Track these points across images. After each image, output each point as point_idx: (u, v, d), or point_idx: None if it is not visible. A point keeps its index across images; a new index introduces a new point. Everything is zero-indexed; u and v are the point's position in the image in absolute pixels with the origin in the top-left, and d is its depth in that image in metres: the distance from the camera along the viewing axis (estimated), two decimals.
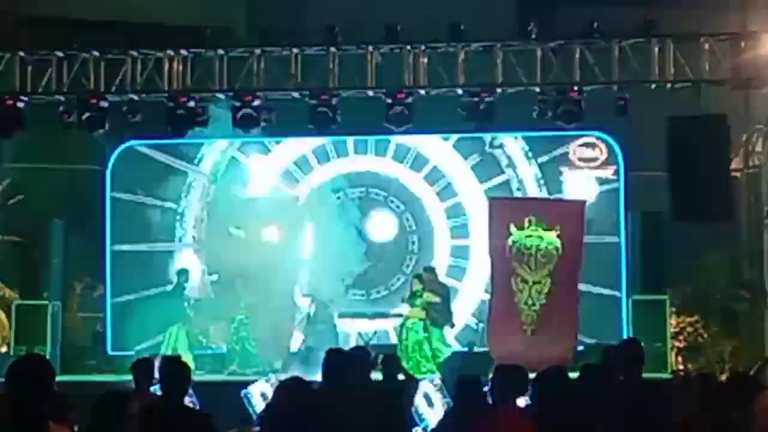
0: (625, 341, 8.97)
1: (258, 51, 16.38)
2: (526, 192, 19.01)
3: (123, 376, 12.50)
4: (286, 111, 16.75)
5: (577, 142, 18.86)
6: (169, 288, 17.91)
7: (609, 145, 18.82)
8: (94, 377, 17.16)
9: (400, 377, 10.77)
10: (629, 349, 8.39)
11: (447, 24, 16.24)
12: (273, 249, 17.67)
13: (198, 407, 11.53)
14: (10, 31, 17.76)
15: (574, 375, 8.03)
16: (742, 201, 18.27)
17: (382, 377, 10.38)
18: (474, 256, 18.99)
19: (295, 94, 16.45)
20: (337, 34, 16.20)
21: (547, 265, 16.39)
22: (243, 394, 14.93)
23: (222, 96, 16.51)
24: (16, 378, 5.43)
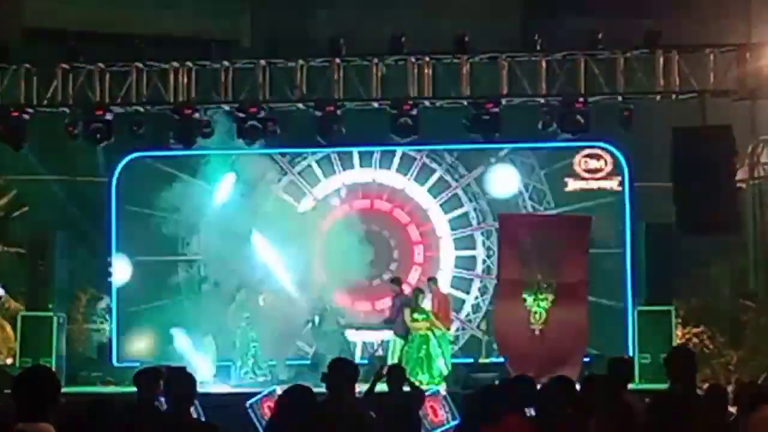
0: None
1: (263, 63, 16.40)
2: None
3: (128, 387, 12.50)
4: (290, 122, 16.79)
5: (582, 153, 18.86)
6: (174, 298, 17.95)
7: (614, 156, 18.80)
8: (99, 389, 17.15)
9: (405, 388, 10.77)
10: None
11: (451, 35, 16.25)
12: (280, 255, 17.69)
13: (203, 419, 11.51)
14: (15, 43, 17.79)
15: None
16: (747, 212, 18.24)
17: (387, 388, 10.38)
18: (479, 267, 19.02)
19: (300, 105, 16.47)
20: (342, 45, 16.20)
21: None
22: (248, 405, 14.92)
23: (227, 107, 16.54)
24: (22, 390, 5.43)
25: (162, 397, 7.65)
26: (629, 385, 8.76)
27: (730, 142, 16.04)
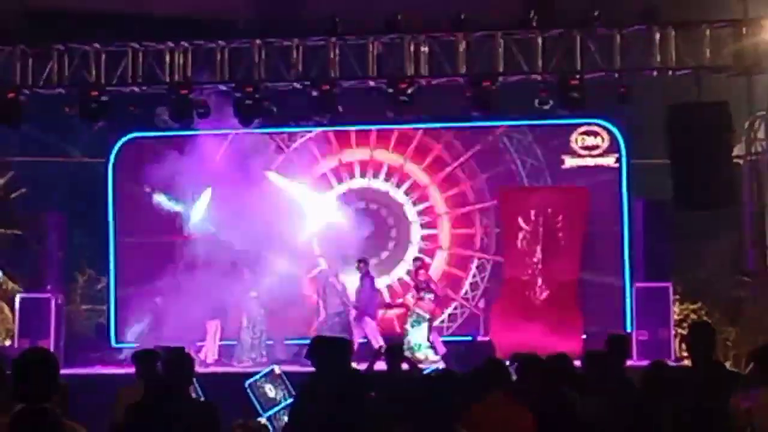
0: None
1: (259, 42, 16.37)
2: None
3: (127, 368, 12.53)
4: (287, 101, 16.76)
5: (579, 130, 18.83)
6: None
7: (611, 133, 18.77)
8: (97, 370, 17.18)
9: (404, 366, 10.79)
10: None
11: (447, 13, 16.21)
12: (280, 234, 17.75)
13: (202, 399, 11.53)
14: (11, 24, 17.73)
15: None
16: (744, 188, 18.24)
17: (386, 367, 10.40)
18: (477, 245, 19.06)
19: (297, 84, 16.44)
20: (338, 24, 16.18)
21: None
22: (247, 385, 14.96)
23: (223, 87, 16.51)
24: (22, 371, 5.45)
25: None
26: (627, 362, 8.80)
27: (726, 118, 16.05)
